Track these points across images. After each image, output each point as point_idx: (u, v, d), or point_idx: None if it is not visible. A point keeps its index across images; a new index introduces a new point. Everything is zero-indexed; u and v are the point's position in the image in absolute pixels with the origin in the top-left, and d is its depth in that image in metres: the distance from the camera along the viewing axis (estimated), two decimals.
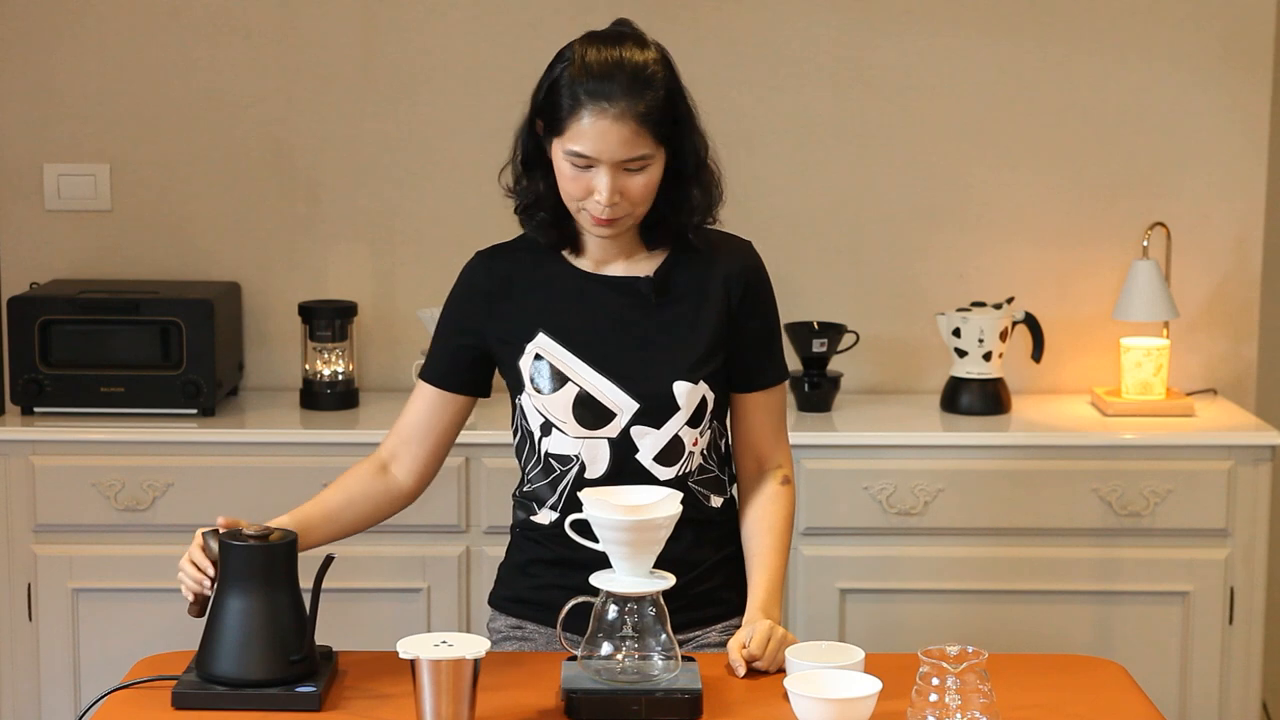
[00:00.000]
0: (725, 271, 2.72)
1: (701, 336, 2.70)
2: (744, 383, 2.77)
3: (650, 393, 2.68)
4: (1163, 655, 3.93)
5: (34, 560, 3.88)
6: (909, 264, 4.28)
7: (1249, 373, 4.32)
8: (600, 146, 2.58)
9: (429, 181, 4.24)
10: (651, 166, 2.62)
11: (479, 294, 2.75)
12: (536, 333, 2.70)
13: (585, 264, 2.73)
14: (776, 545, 2.75)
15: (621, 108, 2.57)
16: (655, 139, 2.60)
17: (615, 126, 2.57)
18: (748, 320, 2.74)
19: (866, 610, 3.91)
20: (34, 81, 4.20)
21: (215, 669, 2.48)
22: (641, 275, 2.71)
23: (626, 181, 2.60)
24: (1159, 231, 4.20)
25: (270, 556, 2.51)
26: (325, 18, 4.20)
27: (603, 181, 2.59)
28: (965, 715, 2.33)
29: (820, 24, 4.20)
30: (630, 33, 2.66)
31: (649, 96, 2.58)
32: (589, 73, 2.59)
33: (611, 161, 2.58)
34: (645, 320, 2.70)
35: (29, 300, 3.98)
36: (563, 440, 2.70)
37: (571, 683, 2.46)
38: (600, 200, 2.60)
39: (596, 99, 2.57)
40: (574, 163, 2.60)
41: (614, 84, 2.57)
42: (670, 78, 2.63)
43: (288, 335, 4.25)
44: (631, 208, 2.63)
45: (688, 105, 2.66)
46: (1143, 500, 3.89)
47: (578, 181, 2.61)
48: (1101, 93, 4.23)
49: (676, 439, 2.69)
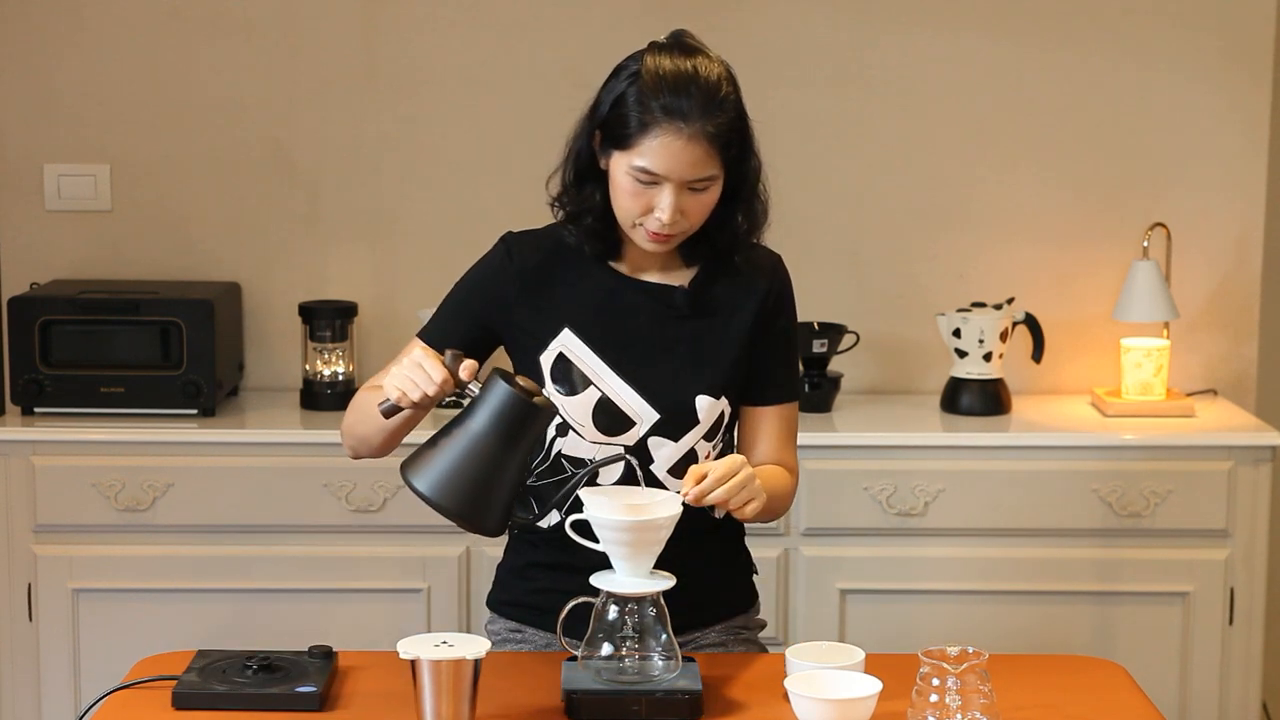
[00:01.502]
0: (759, 287, 2.70)
1: (729, 352, 2.68)
2: (757, 395, 2.74)
3: (672, 405, 2.65)
4: (1163, 655, 3.93)
5: (34, 560, 3.88)
6: (909, 264, 4.28)
7: (1249, 373, 4.32)
8: (671, 165, 2.53)
9: (429, 181, 4.24)
10: (714, 186, 2.59)
11: (510, 273, 2.69)
12: (563, 329, 2.67)
13: (622, 267, 2.70)
14: (770, 472, 2.66)
15: (696, 128, 2.52)
16: (722, 159, 2.57)
17: (689, 146, 2.52)
18: (772, 335, 2.72)
19: (866, 610, 3.91)
20: (34, 81, 4.20)
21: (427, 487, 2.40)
22: (676, 285, 2.69)
23: (689, 200, 2.57)
24: (1159, 231, 4.20)
25: (539, 416, 2.43)
26: (325, 18, 4.20)
27: (666, 200, 2.55)
28: (965, 716, 2.33)
29: (821, 24, 4.20)
30: (698, 45, 2.61)
31: (722, 116, 2.55)
32: (664, 87, 2.53)
33: (679, 180, 2.54)
34: (675, 331, 2.68)
35: (29, 300, 3.98)
36: (579, 444, 2.67)
37: (572, 683, 2.45)
38: (662, 219, 2.55)
39: (672, 117, 2.52)
40: (638, 178, 2.55)
41: (690, 100, 2.53)
42: (738, 96, 2.60)
43: (288, 335, 4.25)
44: (689, 225, 2.60)
45: (750, 125, 2.62)
46: (1143, 500, 3.89)
47: (639, 198, 2.56)
48: (1101, 93, 4.23)
49: (692, 452, 2.68)
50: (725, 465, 2.49)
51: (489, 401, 2.42)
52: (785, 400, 2.76)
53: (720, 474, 2.48)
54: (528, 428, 2.43)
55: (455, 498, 2.42)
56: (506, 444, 2.42)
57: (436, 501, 2.42)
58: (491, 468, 2.41)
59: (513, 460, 2.43)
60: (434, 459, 2.43)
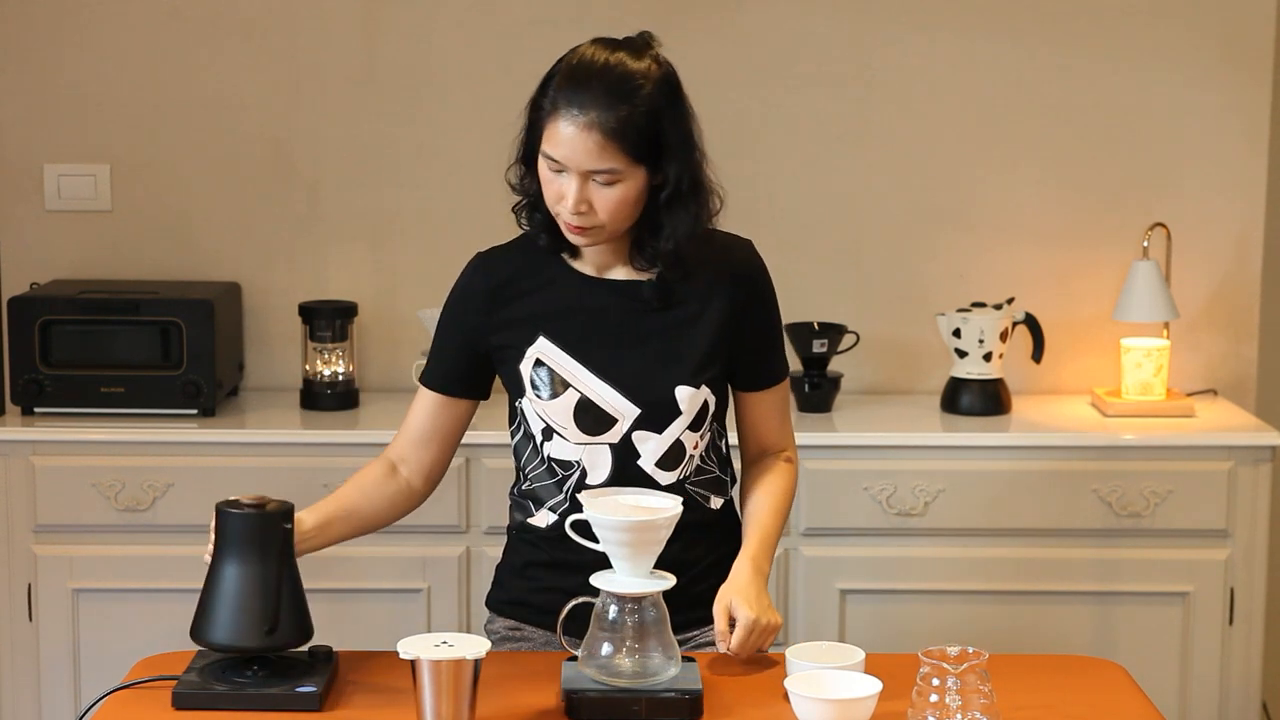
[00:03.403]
0: (727, 274, 2.71)
1: (703, 341, 2.69)
2: (748, 382, 2.77)
3: (652, 399, 2.67)
4: (1163, 655, 3.93)
5: (34, 560, 3.88)
6: (909, 264, 4.28)
7: (1249, 373, 4.32)
8: (567, 153, 2.55)
9: (429, 181, 4.24)
10: (623, 183, 2.57)
11: (479, 296, 2.73)
12: (537, 336, 2.69)
13: (587, 268, 2.72)
14: (774, 506, 2.75)
15: (591, 117, 2.53)
16: (629, 155, 2.55)
17: (582, 135, 2.54)
18: (750, 321, 2.73)
19: (866, 610, 3.91)
20: (34, 81, 4.20)
21: (205, 635, 2.49)
22: (644, 279, 2.70)
23: (595, 193, 2.57)
24: (1159, 231, 4.20)
25: (265, 525, 2.51)
26: (326, 18, 4.20)
27: (570, 188, 2.57)
28: (965, 716, 2.33)
29: (821, 25, 4.20)
30: (633, 41, 2.62)
31: (624, 111, 2.54)
32: (569, 77, 2.56)
33: (579, 170, 2.56)
34: (647, 325, 2.69)
35: (29, 300, 3.98)
36: (564, 446, 2.70)
37: (572, 683, 2.46)
38: (567, 206, 2.58)
39: (569, 105, 2.55)
40: (550, 166, 2.58)
41: (587, 93, 2.54)
42: (658, 96, 2.57)
43: (288, 335, 4.25)
44: (603, 220, 2.59)
45: (679, 128, 2.59)
46: (1143, 501, 3.89)
47: (552, 185, 2.59)
48: (1102, 93, 4.23)
49: (678, 443, 2.69)
50: (740, 632, 2.58)
51: (220, 534, 2.52)
52: (774, 384, 2.79)
53: (734, 649, 2.60)
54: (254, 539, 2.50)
55: (247, 635, 2.48)
56: (250, 561, 2.49)
57: (239, 646, 2.48)
58: (260, 587, 2.48)
59: (270, 572, 2.49)
60: (210, 613, 2.49)
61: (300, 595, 2.53)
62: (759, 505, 2.76)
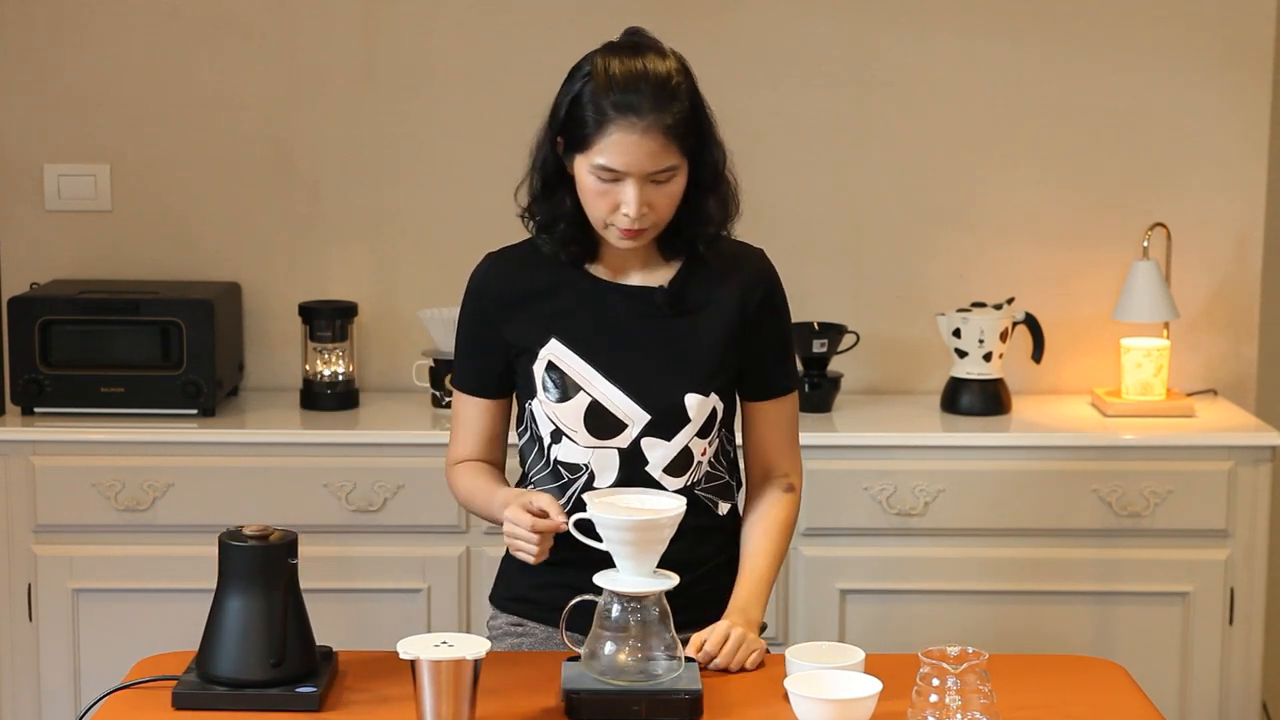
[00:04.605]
0: (740, 282, 2.72)
1: (714, 348, 2.70)
2: (756, 391, 2.77)
3: (662, 405, 2.68)
4: (1163, 655, 3.93)
5: (34, 560, 3.88)
6: (909, 264, 4.28)
7: (1249, 373, 4.32)
8: (629, 160, 2.57)
9: (429, 181, 4.24)
10: (677, 177, 2.62)
11: (491, 299, 2.73)
12: (550, 338, 2.70)
13: (601, 272, 2.72)
14: (768, 549, 2.75)
15: (649, 121, 2.56)
16: (681, 150, 2.60)
17: (644, 140, 2.56)
18: (761, 330, 2.73)
19: (866, 611, 3.91)
20: (34, 81, 4.20)
21: (210, 668, 2.48)
22: (656, 285, 2.71)
23: (654, 193, 2.60)
24: (1159, 232, 4.20)
25: (269, 557, 2.50)
26: (325, 18, 4.20)
27: (631, 194, 2.58)
28: (965, 716, 2.33)
29: (821, 25, 4.20)
30: (649, 43, 2.65)
31: (675, 108, 2.58)
32: (614, 85, 2.57)
33: (640, 174, 2.58)
34: (659, 331, 2.70)
35: (29, 300, 3.98)
36: (573, 449, 2.70)
37: (572, 683, 2.46)
38: (629, 214, 2.59)
39: (624, 112, 2.56)
40: (600, 177, 2.59)
41: (641, 96, 2.56)
42: (692, 87, 2.63)
43: (288, 335, 4.25)
44: (659, 217, 2.63)
45: (708, 114, 2.66)
46: (1143, 501, 3.89)
47: (605, 196, 2.60)
48: (1102, 93, 4.23)
49: (686, 450, 2.69)
50: (718, 634, 2.60)
51: (223, 567, 2.51)
52: (782, 394, 2.78)
53: (715, 641, 2.59)
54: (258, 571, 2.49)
55: (252, 668, 2.47)
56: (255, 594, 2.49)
57: (245, 679, 2.47)
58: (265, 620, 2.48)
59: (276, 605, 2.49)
60: (215, 646, 2.49)
61: (306, 626, 2.53)
62: (755, 546, 2.76)
